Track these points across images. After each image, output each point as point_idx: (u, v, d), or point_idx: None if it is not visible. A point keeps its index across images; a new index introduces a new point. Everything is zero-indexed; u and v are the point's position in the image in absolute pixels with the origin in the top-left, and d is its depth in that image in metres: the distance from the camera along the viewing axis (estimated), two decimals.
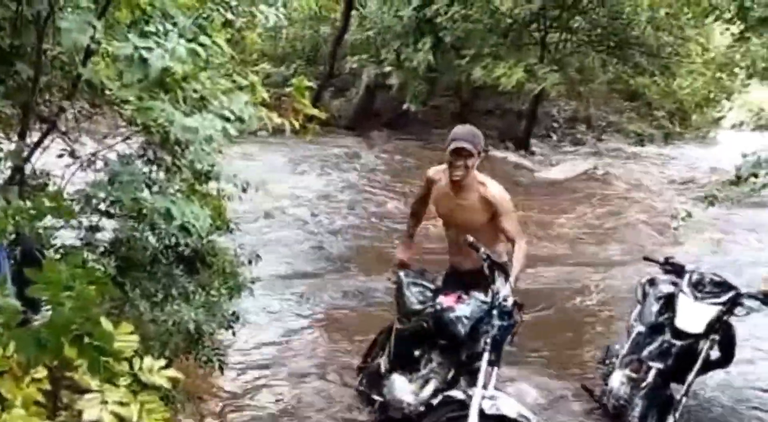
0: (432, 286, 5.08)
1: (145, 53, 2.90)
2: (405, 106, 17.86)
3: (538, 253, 9.88)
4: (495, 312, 4.45)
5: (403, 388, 4.81)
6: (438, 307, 4.76)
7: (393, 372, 4.97)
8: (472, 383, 4.38)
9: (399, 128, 18.72)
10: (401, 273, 5.24)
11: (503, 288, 4.50)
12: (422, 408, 4.64)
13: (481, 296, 4.66)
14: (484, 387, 4.28)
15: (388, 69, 17.55)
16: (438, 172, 5.18)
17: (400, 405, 4.76)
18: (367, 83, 18.45)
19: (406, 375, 4.87)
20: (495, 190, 5.02)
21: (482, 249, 4.62)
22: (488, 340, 4.39)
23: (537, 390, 6.05)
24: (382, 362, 5.23)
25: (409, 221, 5.60)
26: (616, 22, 17.52)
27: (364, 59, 18.04)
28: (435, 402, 4.49)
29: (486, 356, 4.37)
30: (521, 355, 6.62)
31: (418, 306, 4.94)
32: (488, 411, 4.17)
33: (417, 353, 4.92)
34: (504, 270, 4.61)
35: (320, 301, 7.67)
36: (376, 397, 5.06)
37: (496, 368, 4.40)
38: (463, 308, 4.65)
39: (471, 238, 4.68)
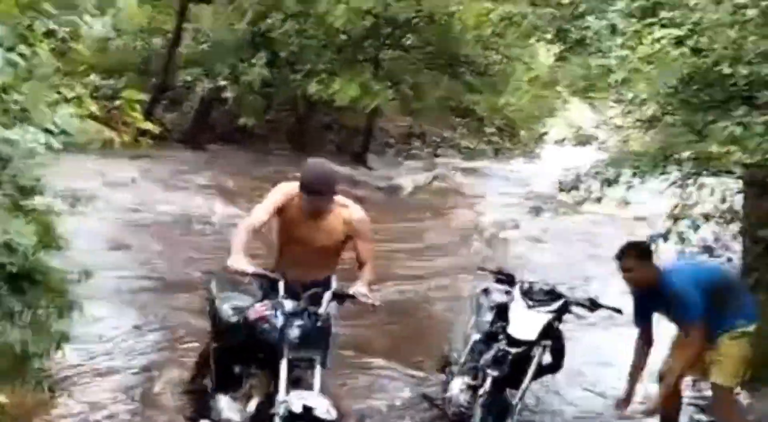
0: (247, 299, 4.94)
1: None
2: (241, 121, 17.68)
3: (378, 266, 9.99)
4: (305, 315, 4.49)
5: (228, 407, 4.71)
6: (248, 318, 4.67)
7: (217, 392, 4.86)
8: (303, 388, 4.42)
9: (236, 142, 18.49)
10: (213, 286, 5.12)
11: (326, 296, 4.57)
12: None
13: (289, 302, 4.60)
14: (309, 388, 4.38)
15: (223, 83, 17.29)
16: (291, 193, 4.90)
17: None
18: (202, 96, 18.10)
19: (231, 393, 4.78)
20: (357, 213, 4.99)
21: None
22: (287, 344, 4.42)
23: (379, 399, 6.10)
24: (208, 383, 5.11)
25: (245, 235, 4.86)
26: (446, 40, 18.01)
27: (198, 73, 17.70)
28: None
29: (284, 360, 4.40)
30: (362, 364, 6.68)
31: (234, 319, 4.85)
32: (283, 414, 4.25)
33: (237, 369, 4.83)
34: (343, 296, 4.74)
35: (160, 319, 7.43)
36: (203, 421, 4.90)
37: (318, 368, 4.46)
38: (273, 317, 4.58)
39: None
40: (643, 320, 5.41)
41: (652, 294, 5.27)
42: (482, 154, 21.80)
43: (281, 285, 4.64)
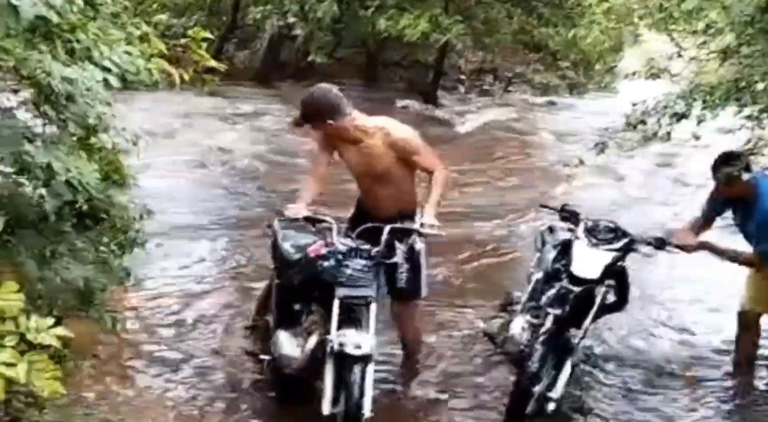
0: (309, 237, 4.98)
1: (14, 0, 2.75)
2: (311, 58, 17.65)
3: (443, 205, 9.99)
4: (357, 254, 4.57)
5: (287, 344, 4.80)
6: (307, 257, 4.74)
7: (278, 328, 4.95)
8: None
9: (305, 80, 18.44)
10: (276, 224, 5.19)
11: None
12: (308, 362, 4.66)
13: (346, 241, 4.70)
14: (364, 327, 4.47)
15: (292, 20, 17.26)
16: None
17: (288, 361, 4.76)
18: (271, 34, 18.12)
19: (291, 330, 4.85)
20: (397, 132, 5.05)
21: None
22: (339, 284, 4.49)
23: (441, 339, 6.15)
24: (270, 319, 5.20)
25: (309, 180, 5.36)
26: None
27: (267, 10, 17.68)
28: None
29: (336, 301, 4.48)
30: (426, 305, 6.73)
31: (296, 257, 4.90)
32: (336, 347, 4.36)
33: (297, 306, 4.91)
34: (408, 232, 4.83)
35: (220, 258, 7.58)
36: (263, 357, 5.03)
37: (372, 306, 4.53)
38: (329, 254, 4.64)
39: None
40: (710, 215, 5.43)
41: (738, 202, 5.17)
42: (556, 89, 21.38)
43: (334, 227, 4.74)
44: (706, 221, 5.48)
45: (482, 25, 18.55)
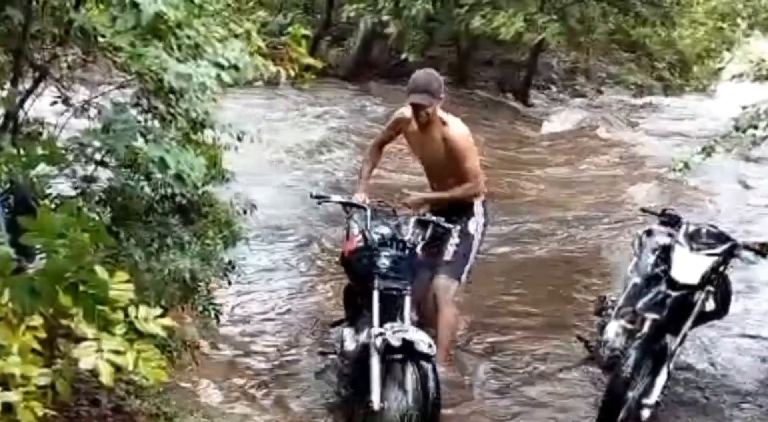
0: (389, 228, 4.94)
1: None
2: (403, 56, 17.67)
3: (535, 205, 9.89)
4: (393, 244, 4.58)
5: (349, 338, 4.83)
6: (343, 254, 4.87)
7: (346, 324, 5.02)
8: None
9: (397, 78, 18.51)
10: (353, 217, 5.22)
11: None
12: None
13: (377, 231, 4.69)
14: (393, 319, 4.40)
15: (386, 18, 17.32)
16: (406, 112, 5.26)
17: (347, 356, 4.78)
18: (364, 32, 18.24)
19: (354, 326, 4.89)
20: (456, 129, 5.12)
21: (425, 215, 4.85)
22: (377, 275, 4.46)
23: (532, 342, 6.09)
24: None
25: (366, 165, 5.60)
26: None
27: (361, 8, 17.78)
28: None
29: (376, 292, 4.45)
30: (516, 305, 6.67)
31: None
32: (394, 343, 4.23)
33: (359, 302, 4.91)
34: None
35: (317, 253, 7.66)
36: (331, 357, 5.11)
37: (407, 298, 4.51)
38: (361, 246, 4.69)
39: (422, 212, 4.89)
40: None
41: None
42: (651, 90, 20.90)
43: (368, 212, 4.77)
44: None
45: (577, 24, 18.28)
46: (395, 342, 4.21)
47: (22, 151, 2.64)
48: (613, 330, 5.32)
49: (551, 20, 16.19)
